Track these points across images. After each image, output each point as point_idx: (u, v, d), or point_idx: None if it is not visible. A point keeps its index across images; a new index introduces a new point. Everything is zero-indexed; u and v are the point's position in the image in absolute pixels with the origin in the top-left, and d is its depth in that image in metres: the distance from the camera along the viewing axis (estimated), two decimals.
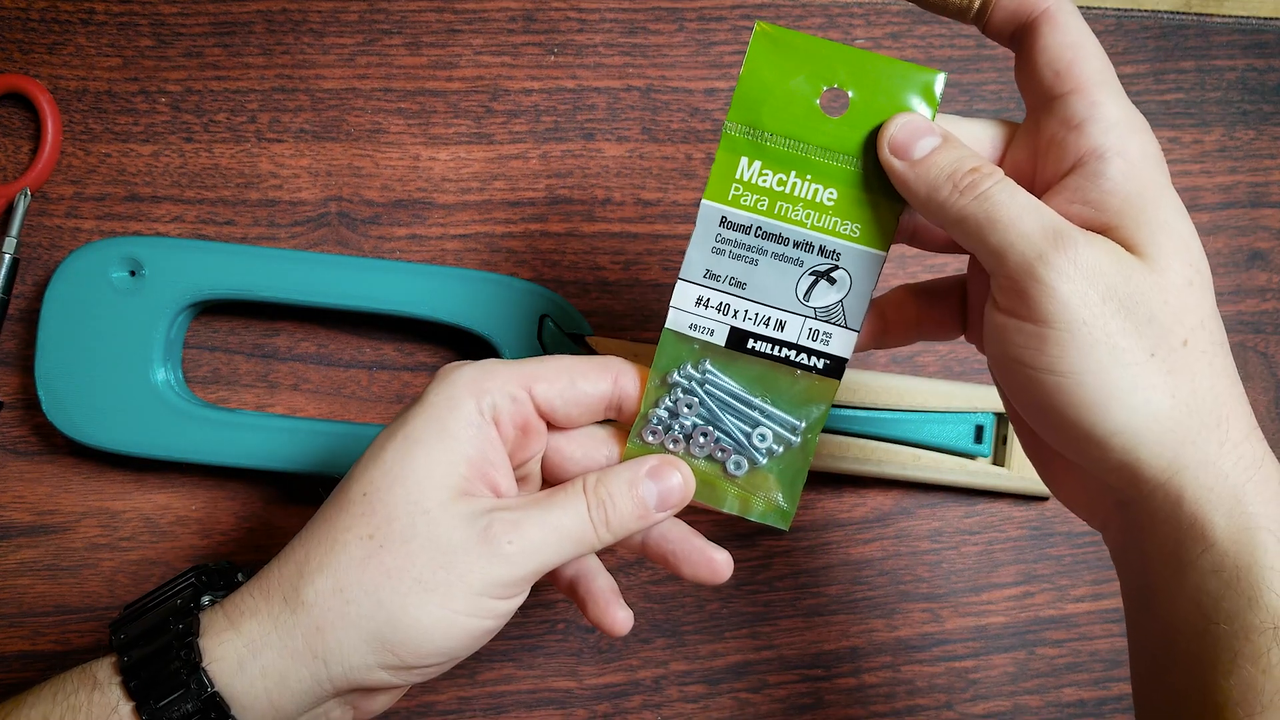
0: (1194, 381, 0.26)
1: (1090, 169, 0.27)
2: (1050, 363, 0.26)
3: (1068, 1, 0.28)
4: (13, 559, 0.45)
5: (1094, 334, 0.26)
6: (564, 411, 0.32)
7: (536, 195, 0.47)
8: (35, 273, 0.46)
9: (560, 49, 0.47)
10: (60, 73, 0.47)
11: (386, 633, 0.29)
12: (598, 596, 0.34)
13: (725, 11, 0.47)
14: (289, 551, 0.30)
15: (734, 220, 0.30)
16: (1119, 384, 0.26)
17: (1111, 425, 0.26)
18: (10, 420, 0.46)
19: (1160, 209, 0.27)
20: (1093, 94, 0.27)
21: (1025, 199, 0.27)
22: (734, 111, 0.30)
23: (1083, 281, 0.26)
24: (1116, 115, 0.27)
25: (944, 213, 0.28)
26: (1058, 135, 0.28)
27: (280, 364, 0.46)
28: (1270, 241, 0.48)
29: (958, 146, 0.28)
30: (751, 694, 0.45)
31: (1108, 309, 0.26)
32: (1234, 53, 0.48)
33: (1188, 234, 0.27)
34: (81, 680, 0.30)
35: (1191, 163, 0.48)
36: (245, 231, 0.47)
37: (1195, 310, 0.27)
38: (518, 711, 0.45)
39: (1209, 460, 0.26)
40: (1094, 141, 0.27)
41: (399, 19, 0.47)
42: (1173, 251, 0.27)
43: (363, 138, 0.47)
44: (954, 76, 0.48)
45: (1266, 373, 0.47)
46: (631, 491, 0.31)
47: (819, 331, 0.31)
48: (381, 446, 0.31)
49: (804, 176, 0.30)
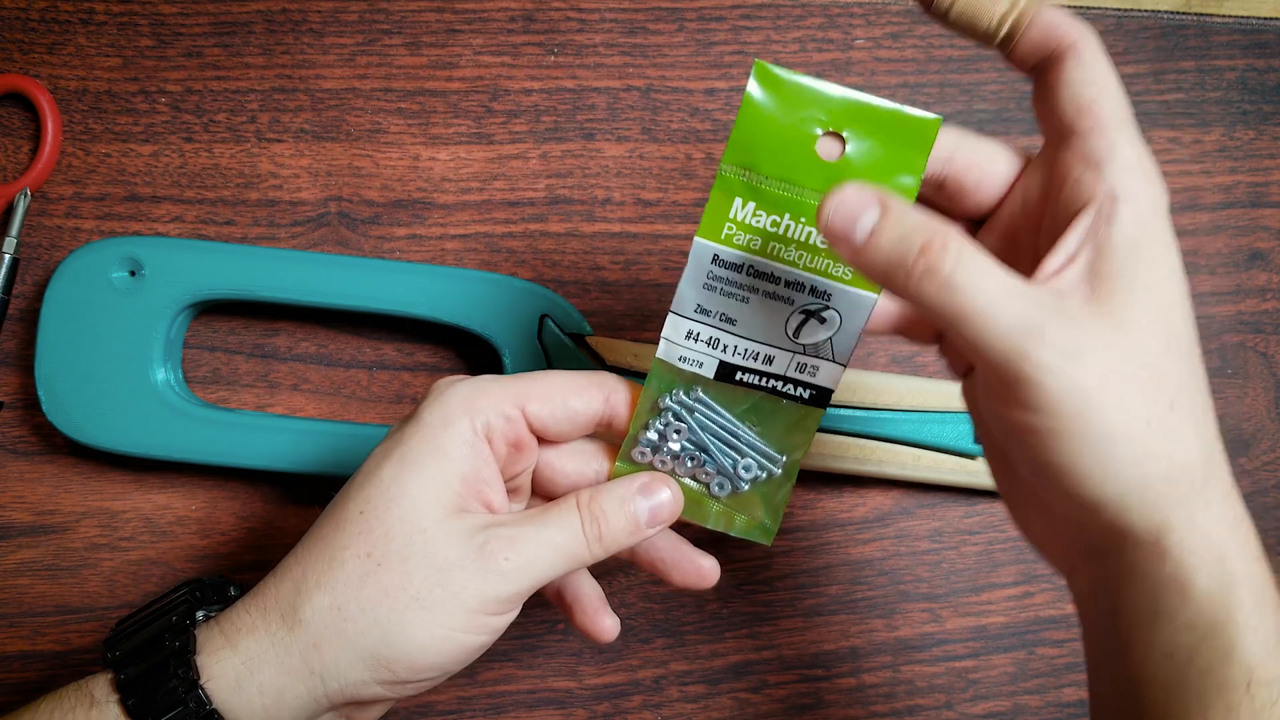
0: (1184, 444, 0.26)
1: (1104, 211, 0.27)
2: (1046, 442, 0.26)
3: (1094, 38, 0.28)
4: (13, 559, 0.45)
5: (1087, 418, 0.25)
6: (556, 428, 0.32)
7: (536, 195, 0.47)
8: (35, 273, 0.46)
9: (560, 49, 0.47)
10: (60, 73, 0.47)
11: (383, 650, 0.29)
12: (585, 604, 0.35)
13: (725, 11, 0.47)
14: (285, 568, 0.31)
15: (726, 259, 0.31)
16: (1115, 457, 0.25)
17: (1109, 492, 0.26)
18: (10, 420, 0.46)
19: (1156, 266, 0.27)
20: (1112, 134, 0.27)
21: (994, 282, 0.25)
22: (729, 153, 0.29)
23: (1071, 371, 0.25)
24: (1134, 159, 0.27)
25: (908, 300, 0.26)
26: (1074, 170, 0.27)
27: (280, 364, 0.46)
28: (1270, 241, 0.48)
29: (901, 218, 0.26)
30: (751, 694, 0.45)
31: (1100, 391, 0.25)
32: (1234, 53, 0.48)
33: (1176, 293, 0.27)
34: (79, 698, 0.30)
35: (1191, 163, 0.48)
36: (245, 231, 0.47)
37: (1177, 374, 0.26)
38: (518, 711, 0.45)
39: (1195, 521, 0.26)
40: (1110, 183, 0.27)
41: (399, 19, 0.47)
42: (1157, 314, 0.26)
43: (363, 138, 0.47)
44: (954, 76, 0.48)
45: (1266, 373, 0.47)
46: (624, 508, 0.32)
47: (806, 365, 0.32)
48: (377, 465, 0.31)
49: (798, 219, 0.30)
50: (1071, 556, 0.29)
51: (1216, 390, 0.47)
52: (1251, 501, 0.47)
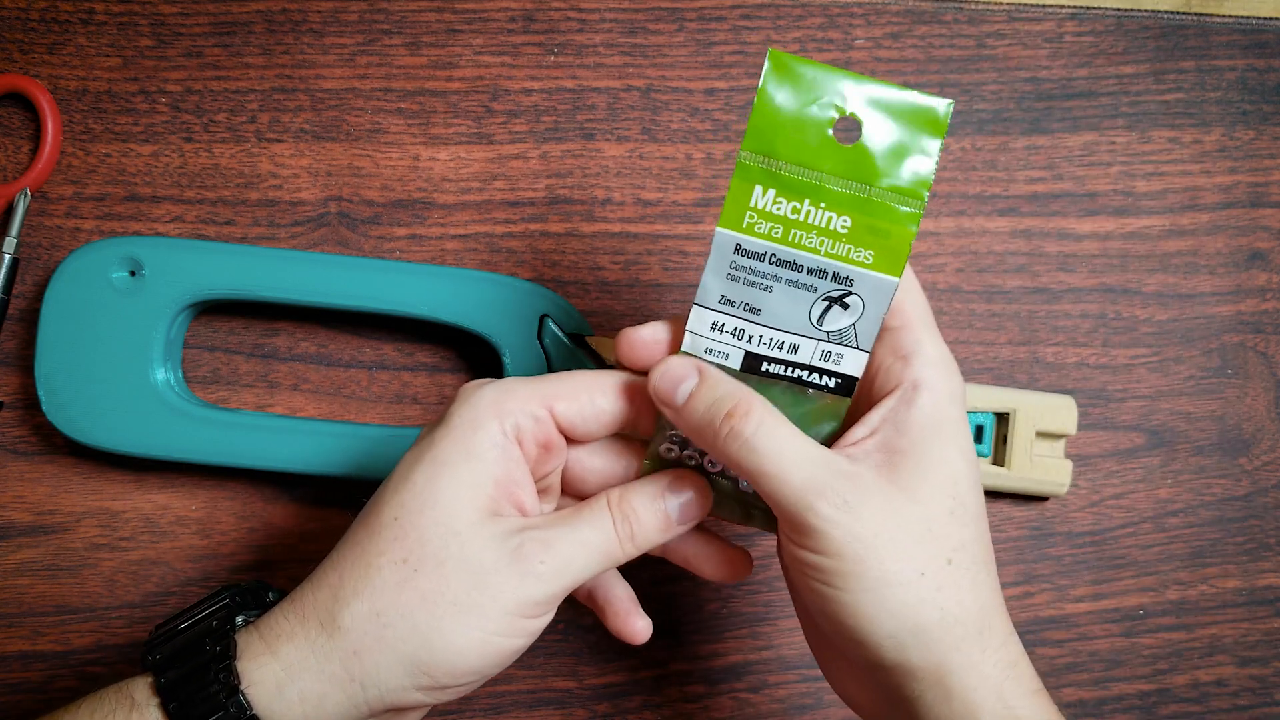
0: (958, 595, 0.30)
1: (907, 395, 0.31)
2: (831, 581, 0.29)
3: None
4: (13, 559, 0.45)
5: (866, 563, 0.29)
6: (584, 428, 0.33)
7: (536, 195, 0.47)
8: (35, 273, 0.46)
9: (560, 49, 0.47)
10: (60, 73, 0.47)
11: (423, 655, 0.29)
12: (617, 606, 0.35)
13: (725, 11, 0.47)
14: (321, 575, 0.31)
15: (748, 248, 0.31)
16: (889, 602, 0.29)
17: (886, 630, 0.29)
18: (10, 420, 0.46)
19: (947, 445, 0.31)
20: (918, 331, 0.32)
21: (788, 446, 0.30)
22: (748, 140, 0.30)
23: (849, 522, 0.29)
24: (935, 355, 0.31)
25: (717, 455, 0.31)
26: (886, 360, 0.32)
27: (280, 364, 0.46)
28: (1270, 241, 0.48)
29: (714, 386, 0.31)
30: (751, 694, 0.45)
31: (877, 541, 0.29)
32: (1234, 53, 0.48)
33: (964, 469, 0.31)
34: (119, 700, 0.30)
35: (1191, 163, 0.48)
36: (245, 231, 0.47)
37: (957, 535, 0.30)
38: (518, 711, 0.45)
39: (973, 663, 0.29)
40: (914, 374, 0.31)
41: (399, 19, 0.47)
42: (943, 484, 0.30)
43: (363, 138, 0.47)
44: (954, 76, 0.48)
45: (1266, 373, 0.47)
46: (654, 505, 0.33)
47: (831, 353, 0.32)
48: (409, 470, 0.31)
49: (818, 204, 0.30)
50: (878, 707, 0.32)
51: (1216, 390, 0.47)
52: (1251, 501, 0.47)
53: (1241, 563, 0.46)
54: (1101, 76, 0.48)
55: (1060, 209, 0.47)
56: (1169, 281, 0.47)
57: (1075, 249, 0.47)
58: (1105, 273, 0.47)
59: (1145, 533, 0.47)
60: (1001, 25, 0.48)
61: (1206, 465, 0.47)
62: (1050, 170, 0.47)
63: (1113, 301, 0.47)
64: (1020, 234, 0.47)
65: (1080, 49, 0.48)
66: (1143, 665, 0.46)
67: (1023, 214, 0.47)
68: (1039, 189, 0.47)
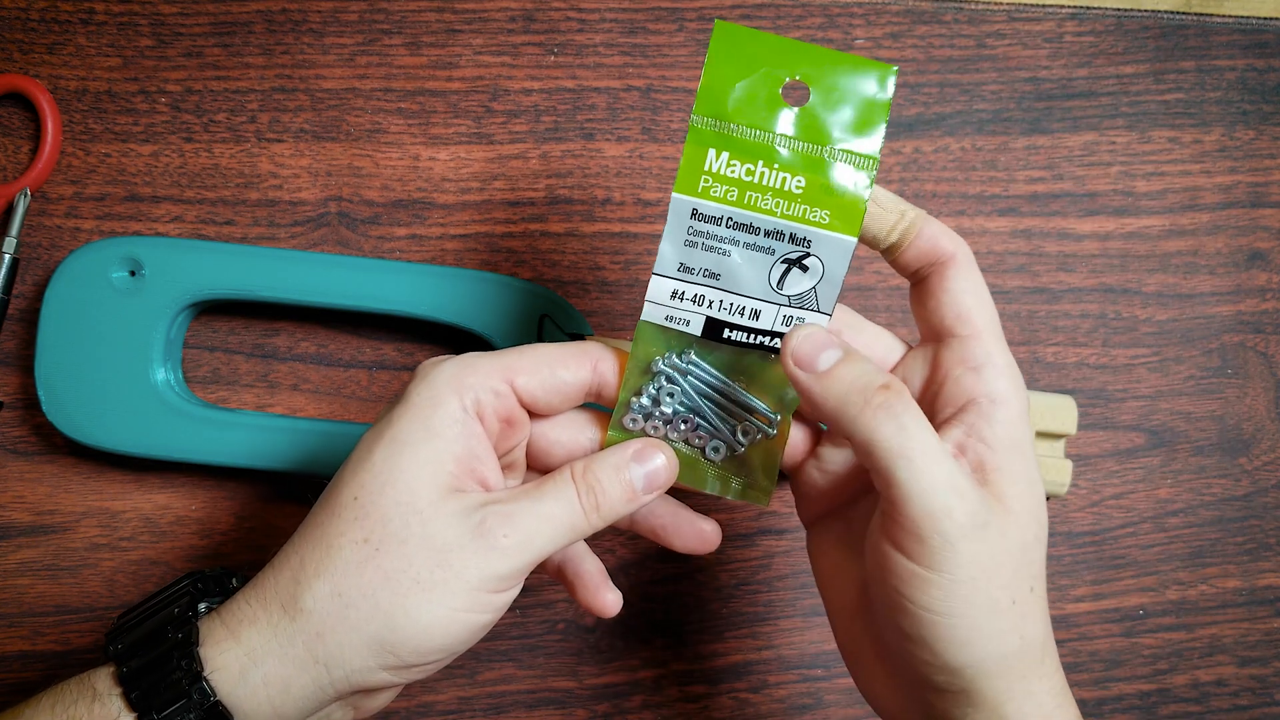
0: (1034, 625, 0.29)
1: (984, 410, 0.30)
2: (930, 603, 0.28)
3: (970, 252, 0.32)
4: (13, 559, 0.45)
5: (978, 587, 0.28)
6: (546, 401, 0.32)
7: (536, 195, 0.47)
8: (35, 273, 0.46)
9: (560, 49, 0.47)
10: (60, 73, 0.47)
11: (386, 634, 0.29)
12: (586, 579, 0.35)
13: (725, 11, 0.47)
14: (283, 558, 0.30)
15: (705, 212, 0.31)
16: (985, 628, 0.28)
17: (968, 659, 0.28)
18: (10, 420, 0.46)
19: (1027, 464, 0.30)
20: (988, 342, 0.31)
21: (934, 440, 0.29)
22: (699, 105, 0.30)
23: (979, 542, 0.28)
24: (1005, 366, 0.31)
25: (854, 429, 0.29)
26: (955, 371, 0.31)
27: (280, 364, 0.47)
28: (1270, 241, 0.48)
29: (862, 361, 0.30)
30: (751, 694, 0.45)
31: (992, 564, 0.28)
32: (1234, 53, 0.48)
33: (1040, 490, 0.30)
34: (80, 691, 0.29)
35: (1191, 163, 0.48)
36: (245, 231, 0.47)
37: (1037, 561, 0.30)
38: (517, 711, 0.45)
39: (1032, 692, 0.29)
40: (988, 386, 0.30)
41: (399, 19, 0.47)
42: (1027, 509, 0.29)
43: (363, 138, 0.47)
44: (954, 76, 0.48)
45: (1266, 372, 0.47)
46: (619, 475, 0.32)
47: (792, 318, 0.32)
48: (369, 449, 0.31)
49: (771, 165, 0.30)
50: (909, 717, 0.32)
51: (1216, 390, 0.47)
52: (1251, 501, 0.47)
53: (1241, 563, 0.46)
54: (1101, 76, 0.48)
55: (1060, 209, 0.47)
56: (1169, 281, 0.47)
57: (1075, 249, 0.47)
58: (1105, 273, 0.47)
59: (1145, 533, 0.47)
60: (1001, 25, 0.48)
61: (1206, 465, 0.47)
62: (1050, 170, 0.47)
63: (1113, 301, 0.47)
64: (1020, 234, 0.47)
65: (1080, 49, 0.48)
66: (1143, 665, 0.46)
67: (1023, 214, 0.47)
68: (1039, 189, 0.47)
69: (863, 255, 0.47)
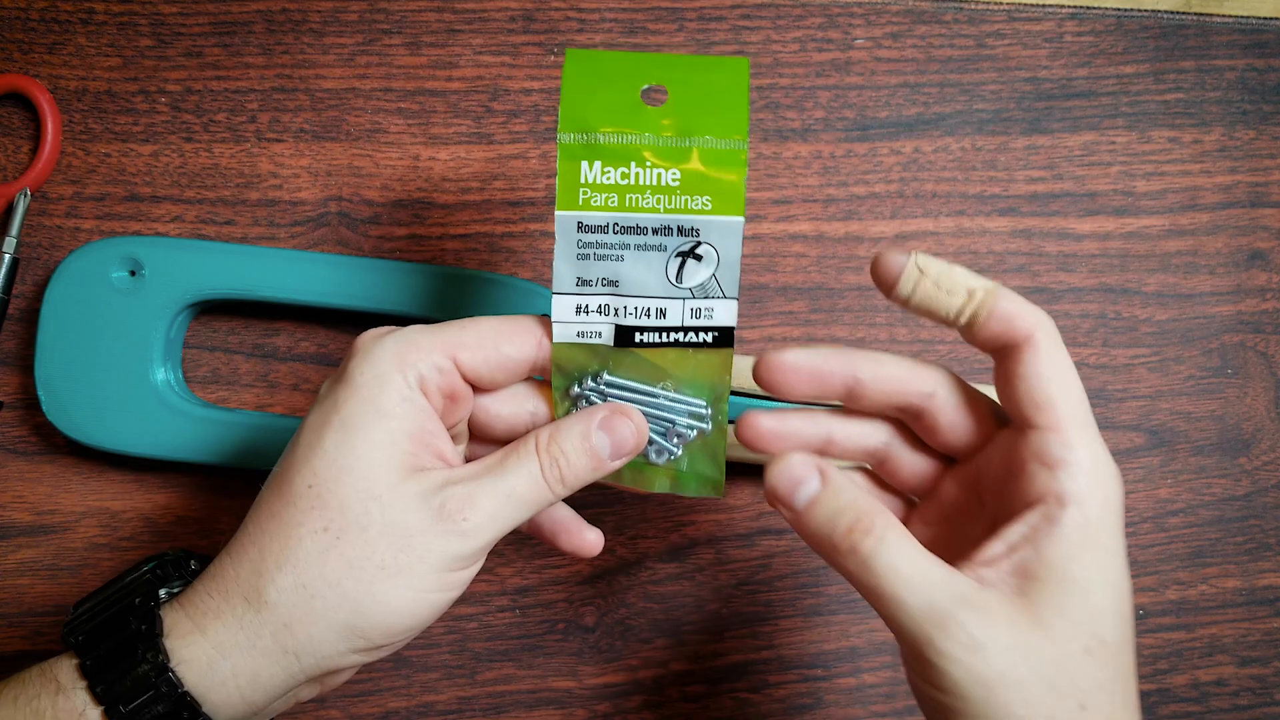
0: None
1: (1051, 512, 0.28)
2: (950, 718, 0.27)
3: (1052, 327, 0.29)
4: (13, 559, 0.45)
5: (989, 707, 0.27)
6: (489, 376, 0.32)
7: (536, 195, 0.47)
8: (35, 273, 0.46)
9: (560, 49, 0.47)
10: (60, 73, 0.47)
11: (357, 620, 0.29)
12: (565, 526, 0.35)
13: (725, 11, 0.47)
14: (239, 549, 0.30)
15: (590, 223, 0.31)
16: None
17: None
18: (10, 420, 0.46)
19: (1091, 570, 0.28)
20: (1070, 434, 0.28)
21: (911, 568, 0.27)
22: (564, 123, 0.30)
23: (971, 662, 0.27)
24: (1088, 463, 0.28)
25: (834, 567, 0.29)
26: (1029, 464, 0.29)
27: (280, 364, 0.47)
28: (1270, 241, 0.48)
29: (836, 494, 0.29)
30: (751, 694, 0.45)
31: (1003, 684, 0.26)
32: (1234, 53, 0.48)
33: (1112, 598, 0.28)
34: (43, 684, 0.29)
35: (1191, 163, 0.48)
36: (245, 231, 0.47)
37: (1094, 675, 0.27)
38: (517, 711, 0.45)
39: None
40: (1060, 486, 0.28)
41: (399, 19, 0.47)
42: (1079, 619, 0.27)
43: (363, 137, 0.47)
44: (954, 76, 0.48)
45: (1266, 373, 0.47)
46: (585, 444, 0.32)
47: (700, 309, 0.32)
48: (319, 434, 0.30)
49: (644, 164, 0.31)
50: None
51: (1216, 390, 0.47)
52: (1251, 501, 0.47)
53: (1241, 563, 0.46)
54: (1101, 76, 0.48)
55: (1060, 209, 0.47)
56: (1169, 281, 0.47)
57: (1075, 249, 0.47)
58: (1105, 273, 0.47)
59: (1145, 533, 0.47)
60: (1001, 25, 0.48)
61: (1206, 465, 0.47)
62: (1050, 170, 0.47)
63: (1113, 301, 0.47)
64: (1020, 234, 0.47)
65: (1080, 49, 0.48)
66: (1143, 665, 0.46)
67: (1023, 214, 0.47)
68: (1039, 189, 0.47)
69: (863, 255, 0.47)
